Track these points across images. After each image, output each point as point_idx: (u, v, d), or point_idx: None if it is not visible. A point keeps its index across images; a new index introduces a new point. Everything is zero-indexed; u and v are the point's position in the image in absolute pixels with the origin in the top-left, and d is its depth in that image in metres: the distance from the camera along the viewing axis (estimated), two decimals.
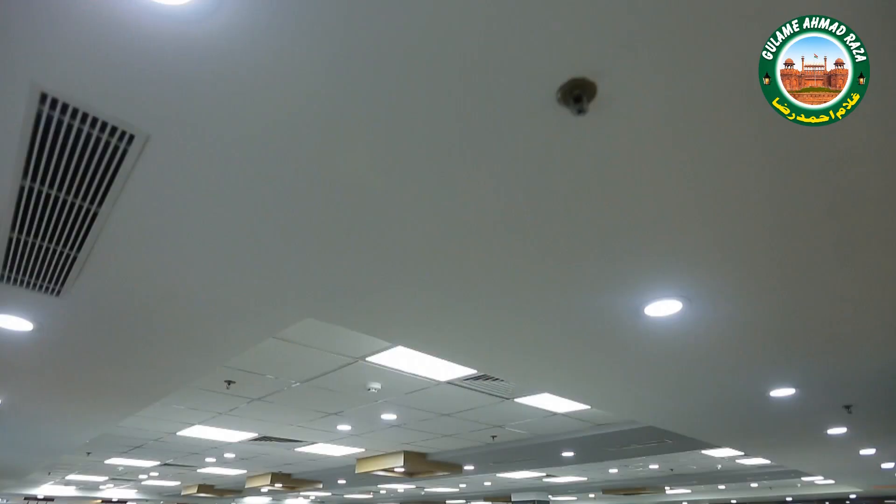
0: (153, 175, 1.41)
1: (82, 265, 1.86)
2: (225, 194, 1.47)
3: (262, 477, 9.75)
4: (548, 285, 1.92)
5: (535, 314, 2.17)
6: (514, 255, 1.73)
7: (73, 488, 12.91)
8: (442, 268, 1.81)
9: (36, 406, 3.82)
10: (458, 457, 7.14)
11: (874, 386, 3.27)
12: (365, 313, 2.15)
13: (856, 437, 5.00)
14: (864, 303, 2.11)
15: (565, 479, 10.05)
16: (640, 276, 1.85)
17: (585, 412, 4.92)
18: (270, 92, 1.14)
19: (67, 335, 2.47)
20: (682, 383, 3.15)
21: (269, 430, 5.85)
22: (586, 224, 1.57)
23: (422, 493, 13.08)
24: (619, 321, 2.22)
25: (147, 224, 1.62)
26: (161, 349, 2.64)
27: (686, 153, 1.30)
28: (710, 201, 1.47)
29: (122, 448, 7.26)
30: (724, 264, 1.79)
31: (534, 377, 3.10)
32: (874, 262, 1.80)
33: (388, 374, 3.75)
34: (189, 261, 1.81)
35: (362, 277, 1.86)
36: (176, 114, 1.20)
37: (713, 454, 7.09)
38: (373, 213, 1.53)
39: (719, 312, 2.14)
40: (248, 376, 3.88)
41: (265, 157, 1.33)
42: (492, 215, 1.54)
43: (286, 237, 1.65)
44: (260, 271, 1.85)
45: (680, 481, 10.79)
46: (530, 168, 1.35)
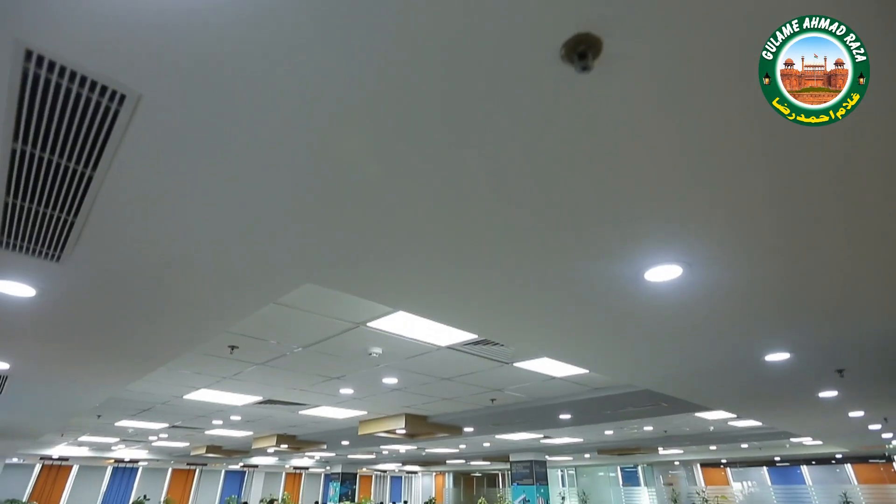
0: (147, 138, 1.38)
1: (80, 231, 1.85)
2: (222, 159, 1.44)
3: (268, 438, 10.07)
4: (547, 251, 1.92)
5: (535, 280, 2.18)
6: (513, 220, 1.72)
7: (86, 449, 13.36)
8: (440, 233, 1.80)
9: (44, 370, 3.89)
10: (458, 419, 7.34)
11: (867, 351, 3.33)
12: (364, 279, 2.16)
13: (846, 400, 5.13)
14: (864, 269, 2.11)
15: (562, 441, 10.37)
16: (641, 241, 1.85)
17: (583, 376, 5.02)
18: (268, 48, 1.10)
19: (70, 301, 2.48)
20: (679, 348, 3.19)
21: (273, 393, 5.99)
22: (586, 188, 1.55)
23: (423, 453, 13.55)
24: (619, 286, 2.23)
25: (143, 189, 1.60)
26: (163, 316, 2.66)
27: (689, 116, 1.27)
28: (712, 165, 1.45)
29: (131, 411, 7.46)
30: (726, 229, 1.78)
31: (534, 342, 3.15)
32: (875, 229, 1.79)
33: (389, 339, 3.81)
34: (188, 227, 1.80)
35: (360, 243, 1.86)
36: (167, 72, 1.16)
37: (706, 416, 7.29)
38: (371, 177, 1.50)
39: (719, 277, 2.14)
40: (251, 342, 3.94)
41: (263, 122, 1.30)
42: (490, 181, 1.52)
43: (284, 203, 1.63)
44: (259, 238, 1.84)
45: (673, 442, 11.14)
46: (530, 131, 1.32)
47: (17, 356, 3.56)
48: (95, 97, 1.25)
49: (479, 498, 6.64)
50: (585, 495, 16.32)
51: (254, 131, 1.34)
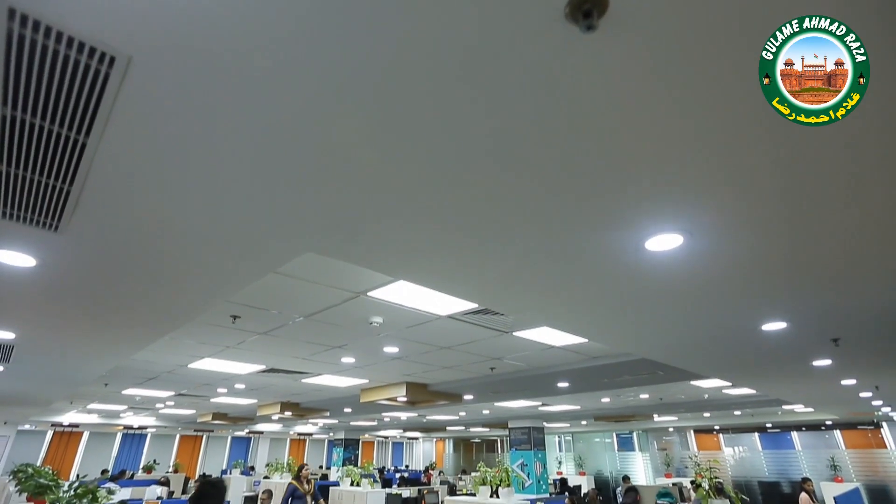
0: (140, 102, 1.35)
1: (77, 200, 1.83)
2: (217, 126, 1.41)
3: (272, 406, 10.30)
4: (548, 219, 1.91)
5: (536, 249, 2.18)
6: (513, 188, 1.70)
7: (95, 416, 13.70)
8: (439, 202, 1.79)
9: (49, 340, 3.95)
10: (458, 387, 7.49)
11: (863, 320, 3.36)
12: (364, 247, 2.15)
13: (839, 369, 5.21)
14: (863, 241, 2.11)
15: (559, 408, 10.62)
16: (642, 209, 1.83)
17: (582, 345, 5.09)
18: (262, 6, 1.06)
19: (70, 271, 2.49)
20: (678, 317, 3.22)
21: (276, 362, 6.10)
22: (588, 155, 1.52)
23: (423, 420, 13.90)
24: (620, 255, 2.23)
25: (139, 157, 1.58)
26: (164, 286, 2.68)
27: (693, 80, 1.24)
28: (714, 133, 1.42)
29: (137, 379, 7.61)
30: (727, 198, 1.76)
31: (533, 311, 3.17)
32: (880, 198, 1.77)
33: (390, 308, 3.84)
34: (185, 196, 1.78)
35: (360, 211, 1.85)
36: (158, 34, 1.13)
37: (701, 385, 7.43)
38: (369, 145, 1.48)
39: (720, 246, 2.14)
40: (252, 311, 3.98)
41: (258, 86, 1.26)
42: (488, 147, 1.49)
43: (282, 171, 1.61)
44: (257, 206, 1.83)
45: (668, 409, 11.40)
46: (530, 95, 1.28)
47: (22, 326, 3.60)
48: (84, 59, 1.21)
49: (479, 462, 6.86)
50: (581, 460, 16.83)
51: (250, 97, 1.30)
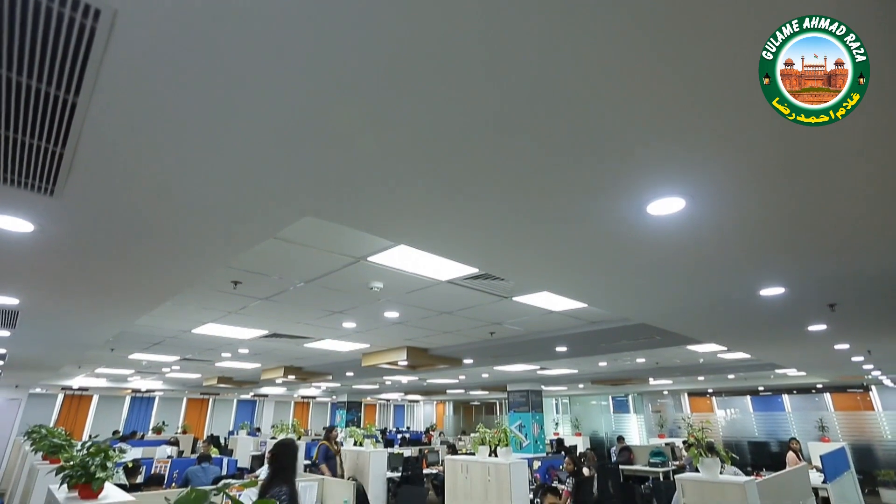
0: (129, 59, 1.30)
1: (70, 163, 1.80)
2: (212, 86, 1.37)
3: (276, 370, 10.52)
4: (549, 183, 1.89)
5: (536, 213, 2.16)
6: (512, 153, 1.67)
7: (104, 380, 14.02)
8: (440, 165, 1.76)
9: (53, 306, 3.98)
10: (458, 351, 7.62)
11: (860, 286, 3.38)
12: (364, 211, 2.14)
13: (834, 333, 5.29)
14: (863, 207, 2.09)
15: (557, 372, 10.85)
16: (644, 172, 1.80)
17: (581, 310, 5.14)
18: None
19: (68, 236, 2.48)
20: (678, 282, 3.24)
21: (278, 327, 6.18)
22: (588, 119, 1.49)
23: (424, 383, 14.23)
24: (621, 219, 2.21)
25: (131, 117, 1.54)
26: (162, 250, 2.67)
27: (696, 40, 1.19)
28: (717, 92, 1.37)
29: (142, 344, 7.74)
30: (730, 161, 1.73)
31: (534, 276, 3.18)
32: (885, 162, 1.74)
33: (390, 273, 3.86)
34: (182, 159, 1.75)
35: (359, 175, 1.82)
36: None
37: (697, 349, 7.57)
38: (367, 106, 1.44)
39: (722, 210, 2.12)
40: (253, 277, 4.00)
41: (252, 40, 1.21)
42: (489, 114, 1.45)
43: (280, 132, 1.58)
44: (254, 169, 1.80)
45: (663, 373, 11.65)
46: (533, 53, 1.24)
47: (25, 292, 3.62)
48: (68, 12, 1.16)
49: (478, 424, 7.09)
50: (578, 421, 17.35)
51: (246, 53, 1.26)
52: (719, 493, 4.23)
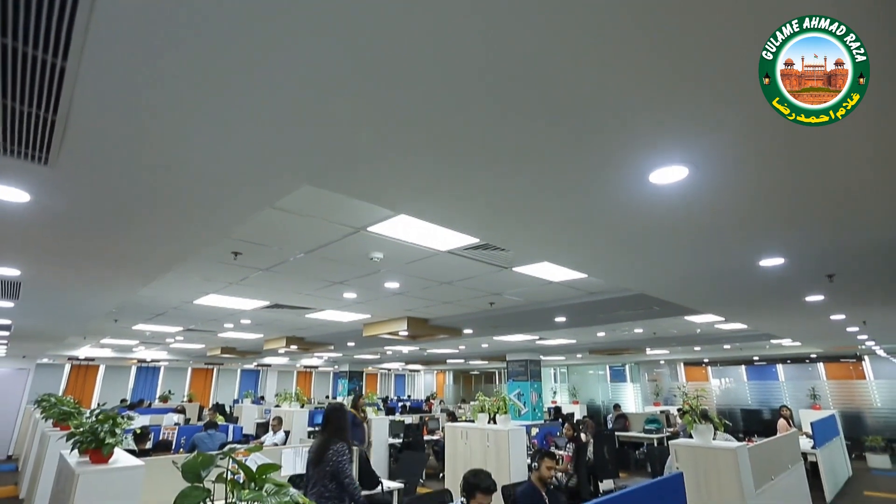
0: (118, 21, 1.25)
1: (63, 130, 1.77)
2: (202, 51, 1.33)
3: (278, 340, 10.66)
4: (550, 153, 1.86)
5: (539, 183, 2.14)
6: (514, 124, 1.64)
7: (109, 350, 14.23)
8: (440, 136, 1.73)
9: (54, 276, 4.00)
10: (458, 322, 7.70)
11: (859, 256, 3.38)
12: (364, 181, 2.11)
13: (831, 304, 5.33)
14: (864, 177, 2.06)
15: (556, 342, 11.00)
16: (647, 140, 1.77)
17: (580, 281, 5.17)
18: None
19: (66, 206, 2.46)
20: (679, 252, 3.24)
21: (279, 298, 6.22)
22: (588, 87, 1.45)
23: (424, 353, 14.46)
24: (623, 189, 2.19)
25: (123, 83, 1.50)
26: (159, 221, 2.66)
27: (696, 3, 1.14)
28: (720, 59, 1.33)
29: (145, 315, 7.81)
30: (734, 129, 1.70)
31: (535, 246, 3.18)
32: (877, 139, 1.71)
33: (390, 243, 3.85)
34: (176, 127, 1.72)
35: (357, 143, 1.79)
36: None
37: (695, 320, 7.64)
38: (365, 70, 1.40)
39: (724, 178, 2.09)
40: (253, 247, 4.00)
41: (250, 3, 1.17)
42: (488, 84, 1.41)
43: (276, 100, 1.54)
44: (251, 137, 1.77)
45: (660, 343, 11.82)
46: (528, 26, 1.19)
47: (25, 263, 3.63)
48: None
49: (478, 392, 7.26)
50: (575, 390, 17.73)
51: (237, 19, 1.21)
52: (712, 457, 4.36)
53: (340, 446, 3.41)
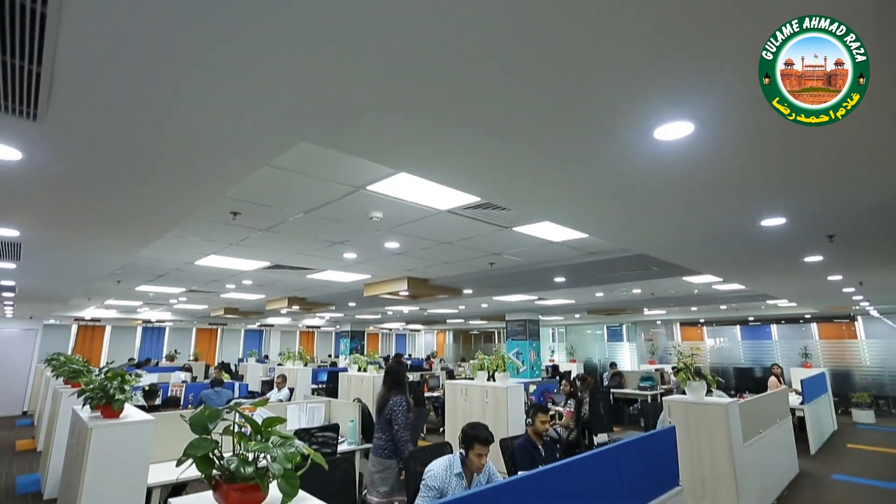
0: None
1: (49, 84, 1.71)
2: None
3: (280, 301, 10.79)
4: (551, 108, 1.80)
5: (540, 139, 2.09)
6: (514, 76, 1.57)
7: (114, 311, 14.45)
8: (436, 92, 1.67)
9: (53, 237, 3.98)
10: (458, 282, 7.76)
11: (861, 217, 3.36)
12: (360, 137, 2.06)
13: (829, 265, 5.36)
14: (866, 134, 2.01)
15: (555, 302, 11.14)
16: (652, 94, 1.71)
17: (580, 241, 5.17)
18: None
19: (59, 164, 2.42)
20: (682, 210, 3.21)
21: (279, 259, 6.25)
22: (594, 37, 1.38)
23: (425, 313, 14.67)
24: (627, 145, 2.15)
25: (109, 33, 1.43)
26: (154, 180, 2.62)
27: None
28: (727, 8, 1.26)
29: (147, 276, 7.87)
30: (742, 81, 1.63)
31: (537, 205, 3.15)
32: (879, 96, 1.65)
33: (390, 202, 3.82)
34: (169, 79, 1.66)
35: (354, 98, 1.73)
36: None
37: (693, 280, 7.71)
38: (360, 23, 1.33)
39: (730, 134, 2.04)
40: (252, 207, 3.97)
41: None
42: (488, 33, 1.34)
43: (271, 52, 1.47)
44: (246, 91, 1.71)
45: (658, 304, 11.97)
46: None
47: (24, 223, 3.61)
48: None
49: (477, 351, 7.42)
50: (573, 349, 18.12)
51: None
52: (703, 412, 4.51)
53: (399, 399, 3.78)
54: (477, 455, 2.82)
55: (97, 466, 2.89)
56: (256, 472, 1.39)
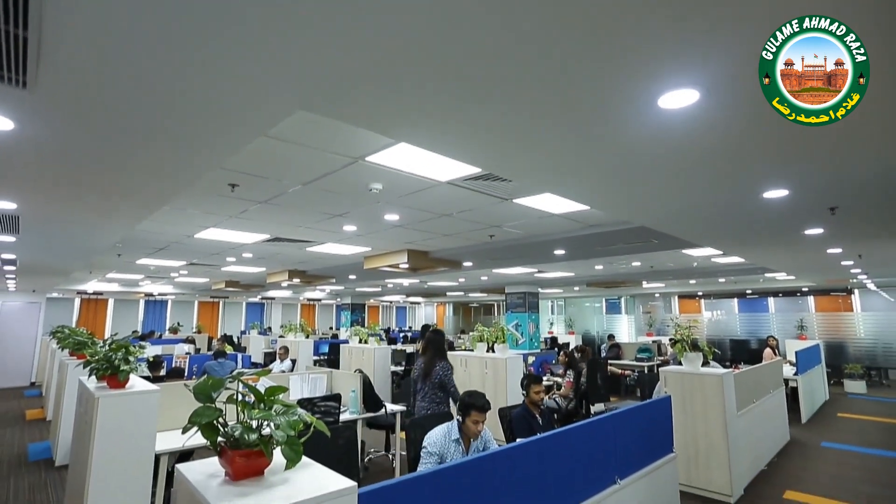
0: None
1: (38, 49, 1.66)
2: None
3: (281, 274, 10.83)
4: (557, 75, 1.75)
5: (544, 109, 2.05)
6: (517, 44, 1.53)
7: (116, 285, 14.52)
8: (438, 57, 1.62)
9: (51, 210, 3.96)
10: (458, 254, 7.77)
11: (863, 189, 3.33)
12: (358, 105, 2.02)
13: (829, 237, 5.35)
14: (869, 106, 1.96)
15: (554, 275, 11.19)
16: (657, 59, 1.67)
17: (579, 213, 5.14)
18: None
19: (51, 135, 2.38)
20: (684, 183, 3.18)
21: (279, 231, 6.23)
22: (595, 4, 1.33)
23: (425, 286, 14.76)
24: (631, 114, 2.10)
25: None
26: (149, 150, 2.58)
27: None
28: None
29: (148, 250, 7.87)
30: (748, 45, 1.58)
31: (539, 177, 3.11)
32: (882, 67, 1.60)
33: (389, 174, 3.78)
34: (161, 45, 1.61)
35: (356, 63, 1.68)
36: None
37: (693, 253, 7.71)
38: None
39: (736, 102, 2.00)
40: (250, 179, 3.93)
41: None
42: (494, 7, 1.30)
43: (270, 15, 1.42)
44: (243, 55, 1.66)
45: (657, 277, 12.03)
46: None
47: (20, 196, 3.58)
48: None
49: (476, 323, 7.52)
50: (572, 321, 18.31)
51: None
52: (699, 383, 4.59)
53: (445, 363, 4.41)
54: (473, 422, 2.88)
55: (105, 434, 2.96)
56: (260, 439, 1.42)
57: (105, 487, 2.93)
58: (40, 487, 4.87)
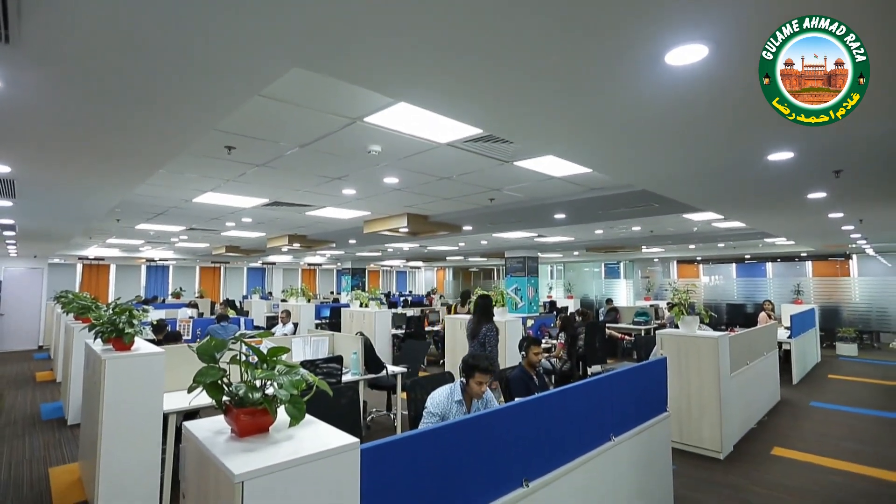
0: None
1: (18, 2, 1.59)
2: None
3: (281, 238, 10.83)
4: (560, 32, 1.68)
5: (546, 66, 1.98)
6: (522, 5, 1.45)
7: (117, 250, 14.55)
8: (438, 11, 1.54)
9: (45, 172, 3.90)
10: (458, 218, 7.74)
11: (869, 151, 3.27)
12: (359, 60, 1.95)
13: (831, 201, 5.31)
14: (872, 70, 1.89)
15: (554, 239, 11.18)
16: (665, 11, 1.59)
17: (581, 176, 5.08)
18: None
19: (39, 93, 2.31)
20: (689, 144, 3.12)
21: (278, 195, 6.18)
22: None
23: (425, 250, 14.79)
24: (637, 72, 2.04)
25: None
26: (141, 110, 2.51)
27: None
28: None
29: (146, 215, 7.83)
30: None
31: (540, 138, 3.05)
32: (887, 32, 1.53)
33: (388, 135, 3.71)
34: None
35: (354, 17, 1.61)
36: None
37: (693, 218, 7.67)
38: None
39: (745, 58, 1.92)
40: (246, 141, 3.86)
41: None
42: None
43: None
44: (232, 10, 1.59)
45: (656, 241, 12.03)
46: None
47: (13, 159, 3.52)
48: None
49: (476, 287, 7.58)
50: (571, 286, 18.46)
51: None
52: (694, 345, 4.67)
53: (490, 325, 4.85)
54: (477, 383, 2.95)
55: (114, 394, 3.03)
56: (264, 398, 1.45)
57: (117, 444, 3.03)
58: (55, 445, 5.04)
